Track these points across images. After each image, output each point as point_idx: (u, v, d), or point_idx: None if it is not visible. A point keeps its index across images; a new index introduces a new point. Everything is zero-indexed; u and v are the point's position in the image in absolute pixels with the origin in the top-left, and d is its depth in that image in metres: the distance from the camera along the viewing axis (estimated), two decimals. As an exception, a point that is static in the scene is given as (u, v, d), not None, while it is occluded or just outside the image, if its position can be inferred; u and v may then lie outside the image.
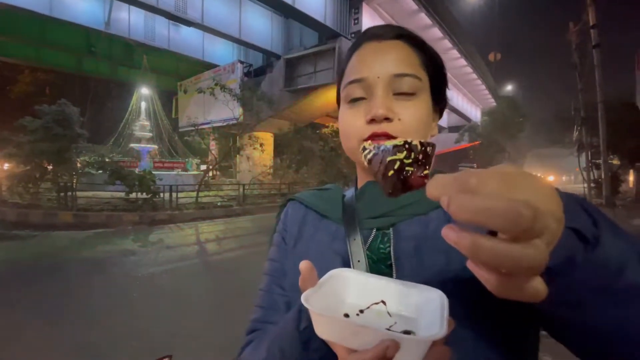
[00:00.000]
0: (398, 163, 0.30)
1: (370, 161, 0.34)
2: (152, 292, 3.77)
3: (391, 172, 0.30)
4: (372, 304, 0.34)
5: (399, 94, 0.46)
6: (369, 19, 16.27)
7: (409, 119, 0.45)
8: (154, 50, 17.28)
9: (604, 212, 0.32)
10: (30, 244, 5.90)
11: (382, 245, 0.46)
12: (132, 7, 13.48)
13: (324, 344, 0.34)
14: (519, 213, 0.18)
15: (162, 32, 15.97)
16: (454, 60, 26.03)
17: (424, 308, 0.32)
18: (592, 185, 12.80)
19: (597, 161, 12.42)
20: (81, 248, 5.68)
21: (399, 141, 0.31)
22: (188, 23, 13.25)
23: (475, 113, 38.84)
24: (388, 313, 0.34)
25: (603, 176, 11.29)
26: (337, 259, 0.46)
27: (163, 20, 14.41)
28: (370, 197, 0.50)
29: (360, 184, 0.55)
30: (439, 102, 0.52)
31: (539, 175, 0.24)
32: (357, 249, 0.45)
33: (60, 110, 9.08)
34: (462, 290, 0.36)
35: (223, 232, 7.50)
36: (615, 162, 14.48)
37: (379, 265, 0.45)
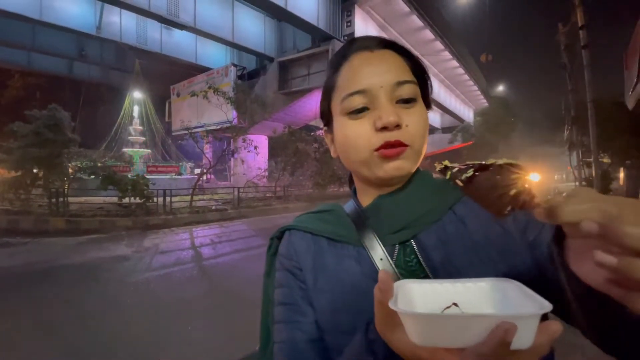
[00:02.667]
0: (514, 190, 0.29)
1: (463, 183, 0.32)
2: (146, 298, 3.72)
3: (502, 196, 0.29)
4: (444, 309, 0.32)
5: (401, 101, 0.47)
6: (361, 22, 16.39)
7: (416, 125, 0.46)
8: (146, 54, 17.19)
9: None
10: (22, 251, 5.79)
11: (407, 259, 0.46)
12: (124, 11, 13.43)
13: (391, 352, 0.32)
14: None
15: (155, 36, 15.91)
16: (446, 61, 26.28)
17: (498, 299, 0.31)
18: (583, 183, 12.98)
19: (588, 160, 12.60)
20: (74, 254, 5.59)
21: (500, 161, 0.31)
22: (180, 26, 13.22)
23: (468, 114, 39.23)
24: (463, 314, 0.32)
25: (594, 174, 11.46)
26: (370, 282, 0.42)
27: (155, 23, 14.38)
28: (388, 212, 0.49)
29: (362, 198, 0.53)
30: (426, 105, 0.53)
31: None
32: (386, 268, 0.45)
33: (51, 115, 8.97)
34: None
35: (218, 236, 7.45)
36: (606, 160, 14.72)
37: (414, 277, 0.43)
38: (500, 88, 45.71)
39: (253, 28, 15.88)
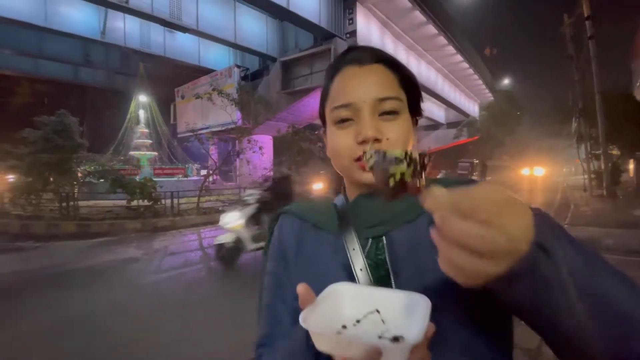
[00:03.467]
0: (399, 174, 0.33)
1: (372, 167, 0.36)
2: (156, 299, 3.79)
3: (392, 181, 0.33)
4: (367, 314, 0.37)
5: (384, 114, 0.50)
6: (363, 19, 16.32)
7: (396, 137, 0.50)
8: (150, 58, 17.35)
9: (564, 225, 0.36)
10: (35, 255, 5.92)
11: (378, 252, 0.50)
12: (127, 16, 13.54)
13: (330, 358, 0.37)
14: (496, 246, 0.26)
15: (158, 39, 16.02)
16: (450, 56, 26.03)
17: (413, 313, 0.35)
18: (593, 176, 12.79)
19: (597, 152, 12.42)
20: (85, 257, 5.70)
21: (400, 153, 0.34)
22: (183, 29, 13.29)
23: (473, 108, 38.84)
24: (382, 320, 0.37)
25: (603, 167, 11.29)
26: (340, 268, 0.49)
27: (158, 27, 14.47)
28: (365, 209, 0.53)
29: (350, 195, 0.58)
30: (416, 114, 0.56)
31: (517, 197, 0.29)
32: (357, 258, 0.49)
33: (60, 121, 9.12)
34: (453, 287, 0.38)
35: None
36: (615, 152, 14.48)
37: (379, 270, 0.48)
38: (506, 81, 45.17)
39: (255, 29, 15.91)
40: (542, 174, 34.32)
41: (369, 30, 16.98)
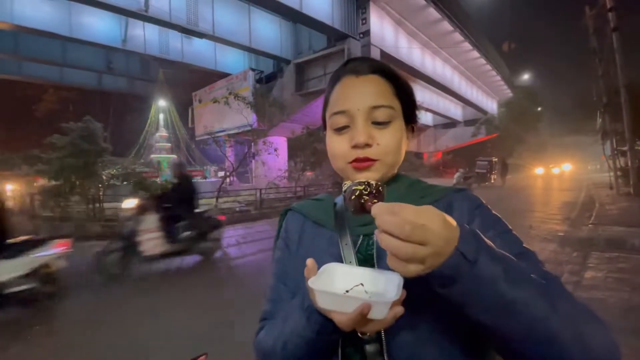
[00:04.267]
0: (357, 192, 0.46)
1: (344, 191, 0.50)
2: (178, 298, 3.94)
3: (352, 197, 0.46)
4: (354, 286, 0.46)
5: (377, 122, 0.56)
6: (377, 18, 16.24)
7: (386, 143, 0.56)
8: (169, 64, 17.85)
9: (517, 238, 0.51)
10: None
11: (368, 248, 0.56)
12: (147, 24, 14.00)
13: (321, 317, 0.45)
14: (402, 227, 0.34)
15: (176, 46, 16.49)
16: (466, 52, 25.51)
17: (389, 286, 0.44)
18: (619, 173, 12.27)
19: (623, 148, 11.90)
20: (111, 257, 5.95)
21: (362, 180, 0.49)
22: (200, 35, 13.64)
23: (491, 105, 37.87)
24: (365, 291, 0.46)
25: (630, 164, 10.81)
26: (333, 260, 0.54)
27: (176, 34, 14.90)
28: None
29: None
30: (411, 121, 0.62)
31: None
32: (348, 251, 0.55)
33: (85, 127, 9.52)
34: (422, 282, 0.44)
35: (243, 236, 7.68)
36: (643, 148, 13.82)
37: (366, 264, 0.54)
38: (525, 77, 43.81)
39: (269, 32, 16.14)
40: (558, 172, 33.01)
41: (382, 29, 16.89)
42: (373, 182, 0.47)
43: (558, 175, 32.52)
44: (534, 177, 31.71)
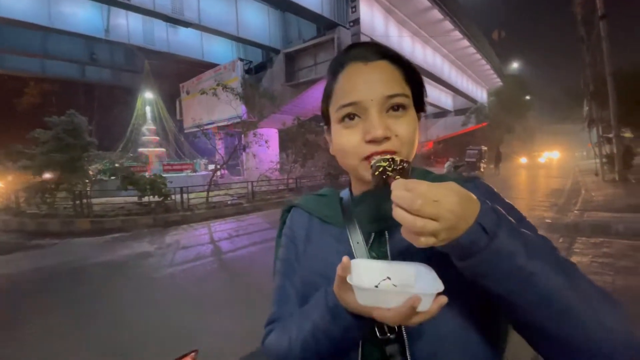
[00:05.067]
0: (381, 168, 0.46)
1: (371, 166, 0.48)
2: (172, 291, 3.91)
3: (376, 173, 0.46)
4: (381, 281, 0.45)
5: (392, 111, 0.51)
6: (366, 6, 16.05)
7: (403, 134, 0.50)
8: (154, 54, 17.39)
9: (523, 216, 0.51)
10: (53, 252, 6.12)
11: (381, 245, 0.54)
12: (130, 13, 13.56)
13: (348, 315, 0.45)
14: (413, 202, 0.36)
15: (161, 36, 16.03)
16: (456, 41, 25.50)
17: (418, 277, 0.44)
18: (604, 160, 12.55)
19: (609, 135, 12.15)
20: (101, 253, 5.88)
21: (387, 156, 0.47)
22: (185, 24, 13.27)
23: (481, 94, 38.12)
24: (394, 285, 0.45)
25: (615, 150, 11.06)
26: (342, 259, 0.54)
27: (161, 23, 14.47)
28: (370, 205, 0.57)
29: (355, 190, 0.61)
30: (420, 109, 0.57)
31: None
32: (360, 250, 0.53)
33: (69, 121, 9.27)
34: (448, 281, 0.42)
35: (235, 229, 7.65)
36: (628, 135, 14.15)
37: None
38: (515, 65, 44.11)
39: (257, 21, 15.80)
40: (544, 161, 33.58)
41: (372, 17, 16.71)
42: (398, 159, 0.46)
43: (546, 163, 33.12)
44: (523, 165, 32.27)
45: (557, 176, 18.03)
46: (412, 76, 0.54)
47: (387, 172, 0.45)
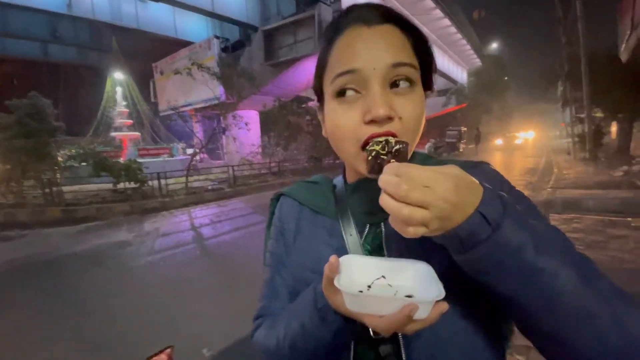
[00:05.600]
0: (374, 152, 0.40)
1: (365, 150, 0.43)
2: (151, 281, 3.81)
3: (369, 157, 0.41)
4: (375, 280, 0.41)
5: (396, 87, 0.43)
6: (347, -18, 15.52)
7: (410, 117, 0.43)
8: (122, 31, 16.31)
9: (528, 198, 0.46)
10: (23, 243, 5.83)
11: (375, 238, 0.49)
12: (93, -15, 12.54)
13: (339, 317, 0.40)
14: (398, 188, 0.32)
15: (129, 11, 15.00)
16: (437, 20, 25.33)
17: (415, 277, 0.40)
18: (576, 139, 13.06)
19: (581, 115, 12.59)
20: (75, 243, 5.64)
21: (381, 139, 0.41)
22: (156, -2, 12.44)
23: (461, 75, 38.44)
24: (389, 285, 0.41)
25: (587, 130, 11.50)
26: (335, 252, 0.47)
27: (129, -4, 13.50)
28: (365, 195, 0.51)
29: (349, 178, 0.55)
30: (428, 87, 0.49)
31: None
32: (354, 244, 0.49)
33: (32, 104, 8.63)
34: (446, 276, 0.39)
35: (217, 215, 7.51)
36: (599, 115, 14.72)
37: (375, 255, 0.48)
38: (494, 46, 44.50)
39: (233, -4, 15.02)
40: (521, 142, 34.71)
41: (353, -6, 16.23)
42: (392, 140, 0.40)
43: (522, 144, 34.22)
44: (499, 147, 33.21)
45: (532, 155, 18.68)
46: (422, 46, 0.46)
47: (381, 156, 0.40)
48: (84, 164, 9.45)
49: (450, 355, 0.42)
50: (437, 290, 0.35)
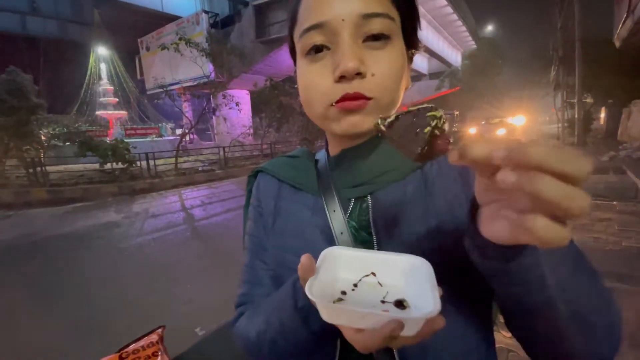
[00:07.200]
0: (432, 127, 0.29)
1: (390, 125, 0.32)
2: (141, 262, 3.78)
3: (426, 135, 0.29)
4: (363, 277, 0.36)
5: (370, 40, 0.39)
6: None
7: (383, 73, 0.39)
8: (106, 3, 15.47)
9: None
10: (7, 224, 5.68)
11: (361, 213, 0.45)
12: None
13: (321, 320, 0.35)
14: (585, 160, 0.19)
15: (112, -19, 14.18)
16: (432, 0, 24.74)
17: (410, 275, 0.35)
18: (566, 124, 13.21)
19: (572, 101, 12.68)
20: (62, 224, 5.53)
21: (436, 113, 0.30)
22: (140, -32, 11.74)
23: (456, 57, 38.03)
24: (379, 283, 0.36)
25: (577, 115, 11.61)
26: (318, 232, 0.45)
27: (110, -35, 12.71)
28: (349, 166, 0.47)
29: (331, 148, 0.51)
30: (411, 46, 0.44)
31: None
32: (338, 220, 0.44)
33: (11, 80, 8.22)
34: (437, 253, 0.37)
35: (208, 197, 7.43)
36: (589, 100, 14.86)
37: (361, 232, 0.44)
38: (490, 28, 43.93)
39: (222, -33, 14.31)
40: (522, 122, 34.96)
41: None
42: (439, 111, 0.30)
43: (507, 132, 34.52)
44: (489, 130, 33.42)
45: (522, 140, 18.84)
46: None
47: (436, 132, 0.29)
48: (68, 143, 9.18)
49: (442, 343, 0.40)
50: (431, 302, 0.29)
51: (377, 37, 0.38)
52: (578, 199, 0.19)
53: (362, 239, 0.44)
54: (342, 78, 0.38)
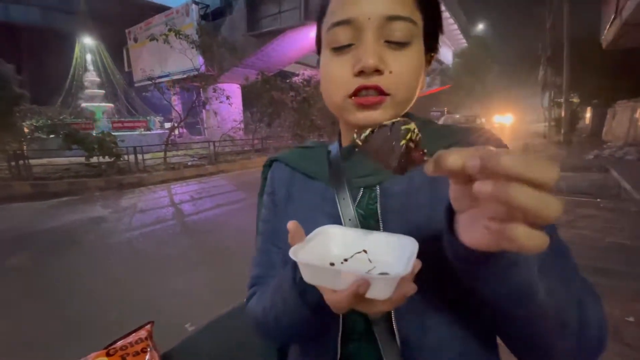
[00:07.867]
0: (407, 138, 0.31)
1: (366, 139, 0.34)
2: (130, 257, 3.72)
3: (402, 145, 0.31)
4: (355, 253, 0.38)
5: (391, 42, 0.41)
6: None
7: (401, 71, 0.41)
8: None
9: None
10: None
11: (369, 202, 0.47)
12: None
13: (317, 291, 0.36)
14: (552, 168, 0.20)
15: (98, -32, 13.74)
16: (425, -3, 24.79)
17: (399, 253, 0.36)
18: (552, 123, 13.49)
19: (559, 100, 12.94)
20: (48, 218, 5.39)
21: (410, 125, 0.32)
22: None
23: (447, 55, 38.25)
24: (369, 260, 0.38)
25: (563, 114, 11.87)
26: (328, 219, 0.46)
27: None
28: (358, 157, 0.50)
29: (344, 138, 0.54)
30: (431, 49, 0.46)
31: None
32: (346, 208, 0.47)
33: (-9, 68, 7.95)
34: (433, 247, 0.37)
35: (197, 192, 7.34)
36: (575, 100, 15.20)
37: (369, 220, 0.46)
38: (480, 27, 44.27)
39: (213, -42, 14.02)
40: (510, 121, 35.49)
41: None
42: (412, 123, 0.32)
43: (500, 126, 35.06)
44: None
45: (510, 139, 19.21)
46: (428, 0, 0.43)
47: (411, 143, 0.31)
48: (52, 135, 8.93)
49: (441, 322, 0.42)
50: (401, 268, 0.31)
51: (397, 41, 0.41)
52: (552, 205, 0.20)
53: (368, 225, 0.45)
54: (361, 73, 0.40)
